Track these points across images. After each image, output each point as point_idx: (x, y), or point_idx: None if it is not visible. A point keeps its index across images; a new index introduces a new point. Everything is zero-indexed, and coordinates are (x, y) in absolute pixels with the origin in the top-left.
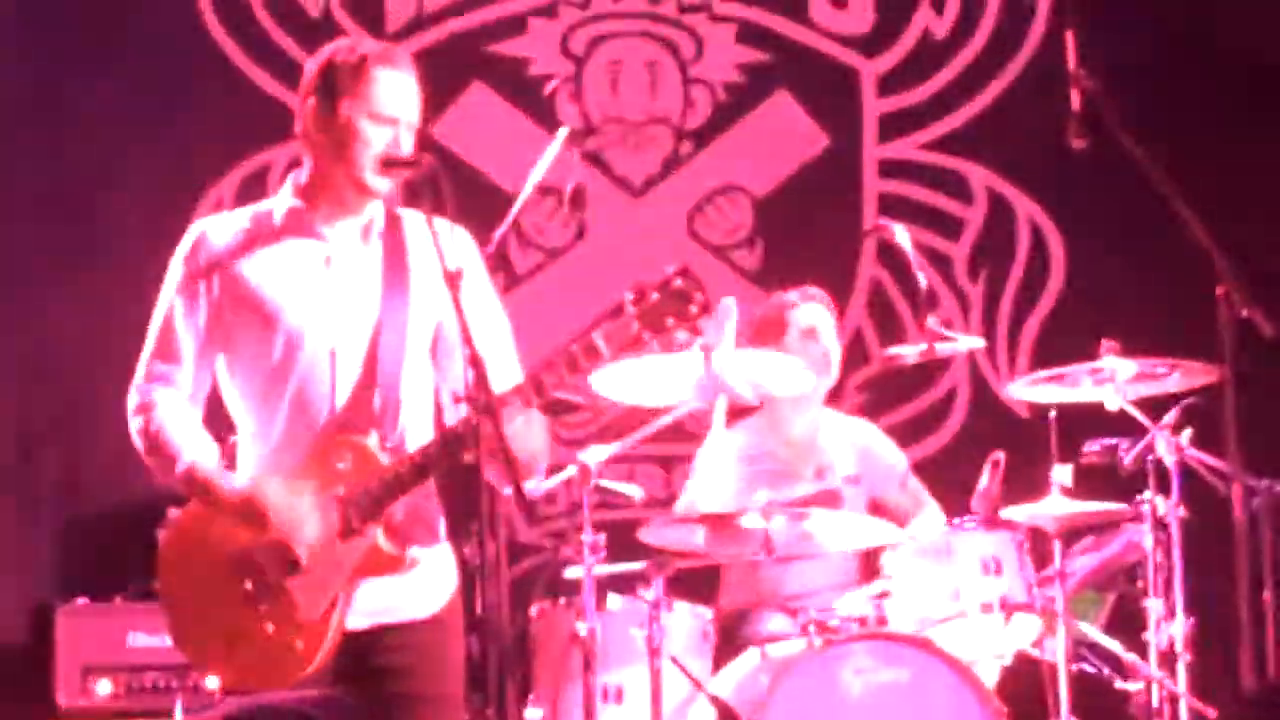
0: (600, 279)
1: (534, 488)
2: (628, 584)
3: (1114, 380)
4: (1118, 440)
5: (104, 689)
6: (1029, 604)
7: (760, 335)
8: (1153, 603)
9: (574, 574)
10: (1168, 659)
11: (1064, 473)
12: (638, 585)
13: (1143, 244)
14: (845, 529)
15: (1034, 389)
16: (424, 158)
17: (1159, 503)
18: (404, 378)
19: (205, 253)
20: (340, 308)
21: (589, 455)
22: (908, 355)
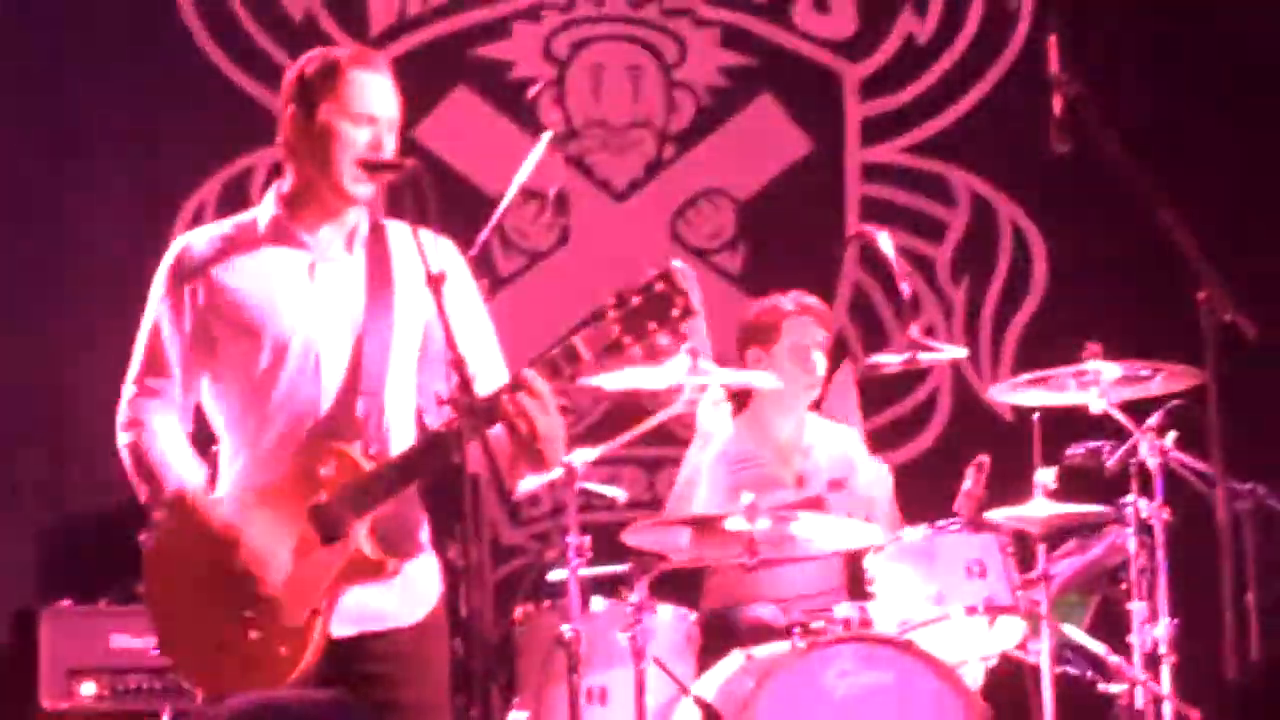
0: (583, 282)
1: (521, 488)
2: (612, 586)
3: (1097, 383)
4: (1101, 443)
5: (88, 691)
6: (1013, 606)
7: (750, 338)
8: (1136, 605)
9: (558, 576)
10: (1151, 661)
11: (1048, 475)
12: (622, 587)
13: (1125, 247)
14: (829, 532)
15: (1017, 392)
16: (406, 161)
17: (1142, 505)
18: (388, 385)
19: (189, 264)
20: (324, 316)
21: (573, 457)
22: (890, 364)
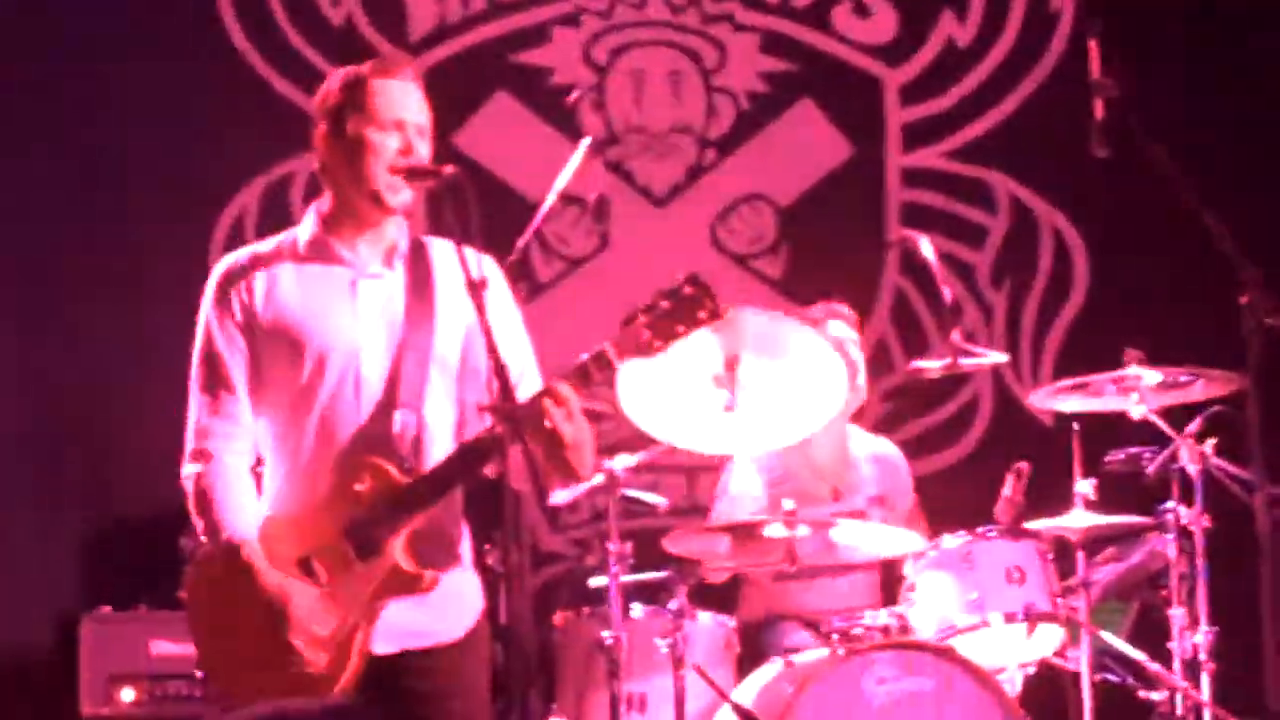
0: (623, 288)
1: (555, 499)
2: (651, 593)
3: (1138, 389)
4: (1141, 449)
5: (127, 697)
6: (1052, 613)
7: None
8: (1176, 612)
9: (598, 582)
10: (1191, 668)
11: (1087, 487)
12: (662, 594)
13: (1166, 252)
14: (869, 539)
15: (1057, 398)
16: (445, 167)
17: (1183, 512)
18: (427, 400)
19: (232, 284)
20: (364, 332)
21: (615, 463)
22: (932, 369)
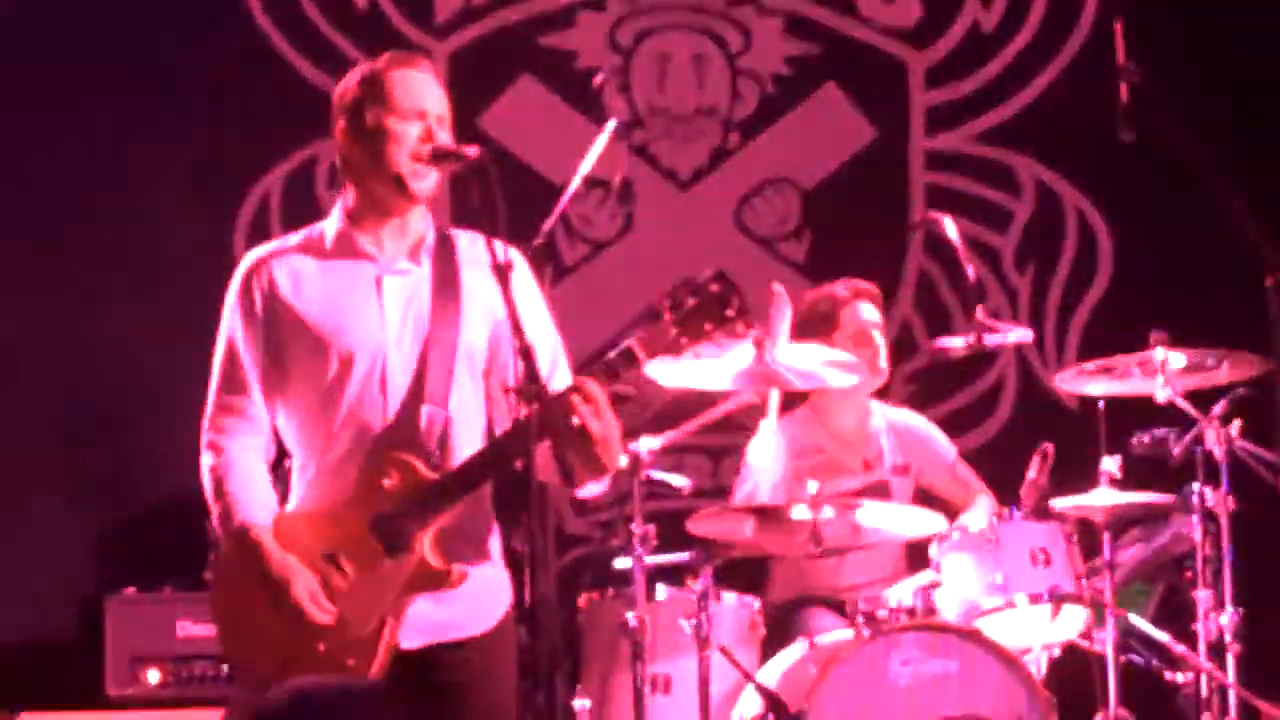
0: (648, 271)
1: (582, 493)
2: (676, 574)
3: (1163, 371)
4: (1167, 431)
5: (153, 678)
6: (1077, 595)
7: (809, 329)
8: (1201, 594)
9: (622, 564)
10: (1216, 650)
11: (1112, 464)
12: (686, 576)
13: (1191, 235)
14: (894, 520)
15: (1082, 380)
16: (469, 148)
17: (1208, 494)
18: (453, 396)
19: (258, 279)
20: (390, 328)
21: (639, 445)
22: (955, 346)
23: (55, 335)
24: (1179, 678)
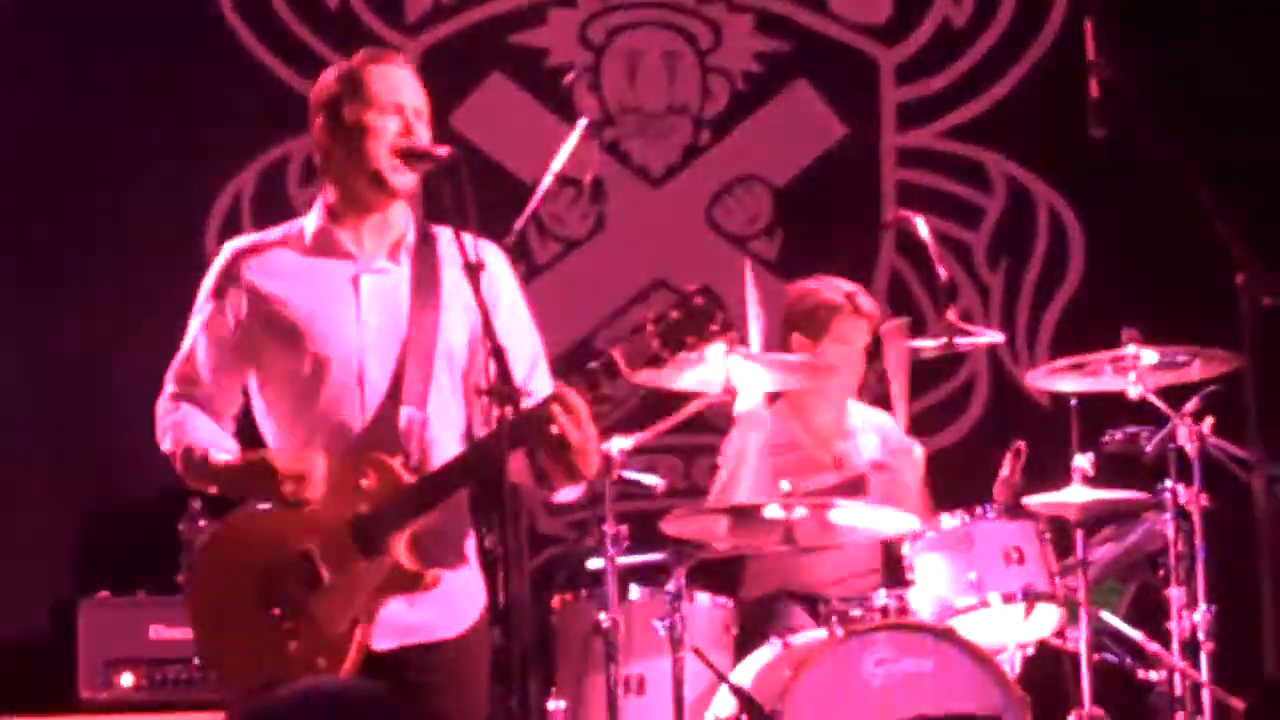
0: (620, 269)
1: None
2: (649, 575)
3: (1135, 368)
4: (1139, 429)
5: (126, 681)
6: (1051, 593)
7: (798, 325)
8: (1174, 591)
9: (595, 565)
10: (1190, 647)
11: (1085, 461)
12: (659, 576)
13: (1162, 231)
14: (867, 519)
15: (1054, 378)
16: (441, 149)
17: (1180, 491)
18: (431, 397)
19: (235, 271)
20: (367, 327)
21: (611, 445)
22: (927, 348)
23: (27, 336)
24: (1152, 676)
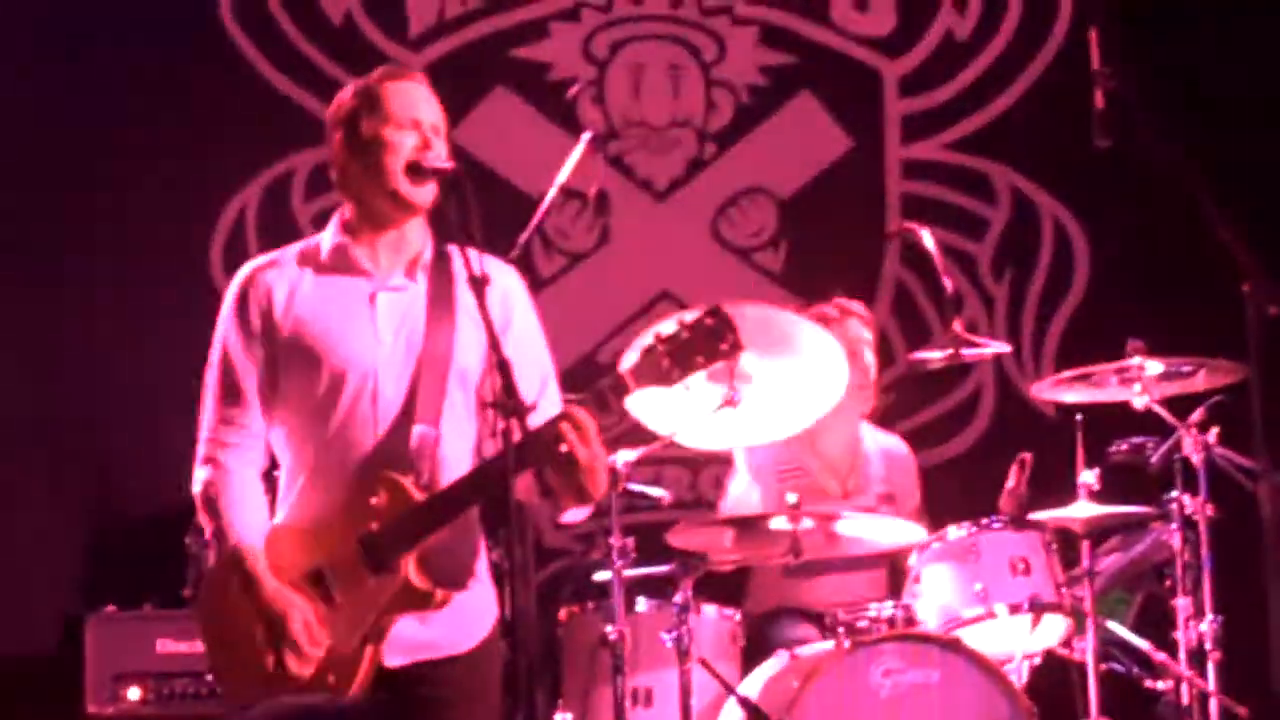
0: (624, 282)
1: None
2: (656, 587)
3: (1140, 379)
4: (1145, 439)
5: (133, 695)
6: (1057, 604)
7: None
8: (1181, 601)
9: (602, 577)
10: (1197, 657)
11: (1090, 477)
12: (666, 588)
13: (1168, 242)
14: (873, 530)
15: (1060, 389)
16: (447, 162)
17: (1186, 501)
18: (445, 415)
19: (254, 291)
20: (383, 345)
21: (618, 457)
22: (933, 359)
23: (34, 350)
24: (1159, 685)
